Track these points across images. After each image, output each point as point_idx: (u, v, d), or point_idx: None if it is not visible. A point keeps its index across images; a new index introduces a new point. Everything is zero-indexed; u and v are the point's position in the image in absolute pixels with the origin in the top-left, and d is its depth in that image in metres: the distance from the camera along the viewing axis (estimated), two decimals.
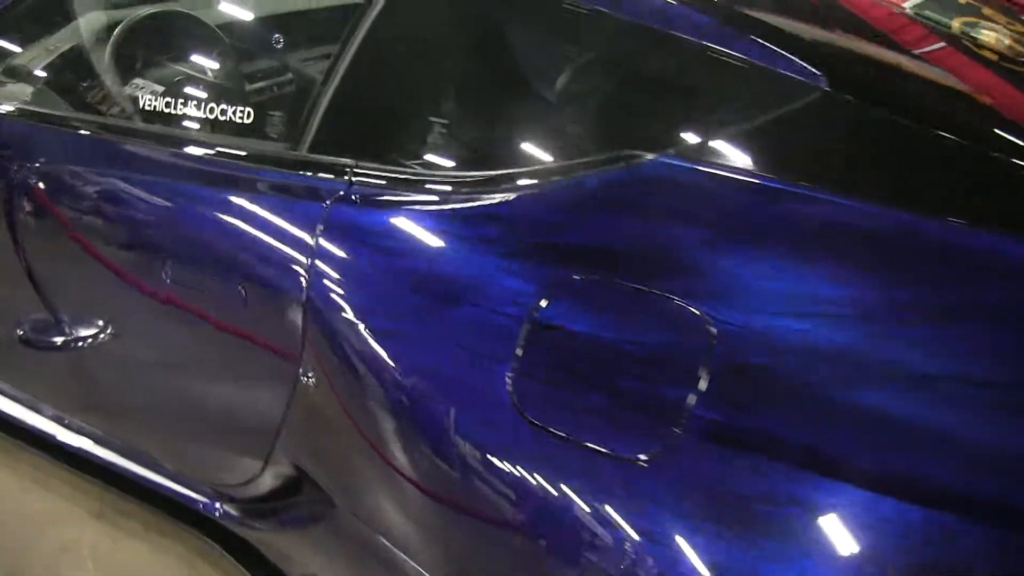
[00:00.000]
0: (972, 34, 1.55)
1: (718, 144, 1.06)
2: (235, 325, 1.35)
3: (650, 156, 1.07)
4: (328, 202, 1.25)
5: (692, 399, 0.92)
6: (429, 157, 1.28)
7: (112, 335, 1.65)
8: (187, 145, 1.54)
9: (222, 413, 1.51)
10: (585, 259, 1.05)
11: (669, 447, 0.91)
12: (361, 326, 1.15)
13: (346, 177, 1.28)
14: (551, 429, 0.98)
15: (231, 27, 2.08)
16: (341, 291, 1.19)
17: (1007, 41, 1.50)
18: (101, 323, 1.66)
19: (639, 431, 0.94)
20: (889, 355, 0.88)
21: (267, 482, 1.53)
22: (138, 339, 1.61)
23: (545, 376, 1.00)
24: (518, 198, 1.13)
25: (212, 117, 1.52)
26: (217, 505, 1.65)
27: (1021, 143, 1.02)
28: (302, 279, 1.23)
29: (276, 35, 2.22)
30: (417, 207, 1.20)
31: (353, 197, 1.25)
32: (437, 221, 1.17)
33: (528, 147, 1.23)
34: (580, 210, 1.09)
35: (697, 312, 0.95)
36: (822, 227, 0.97)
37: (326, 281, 1.21)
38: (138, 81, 1.87)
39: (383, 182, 1.25)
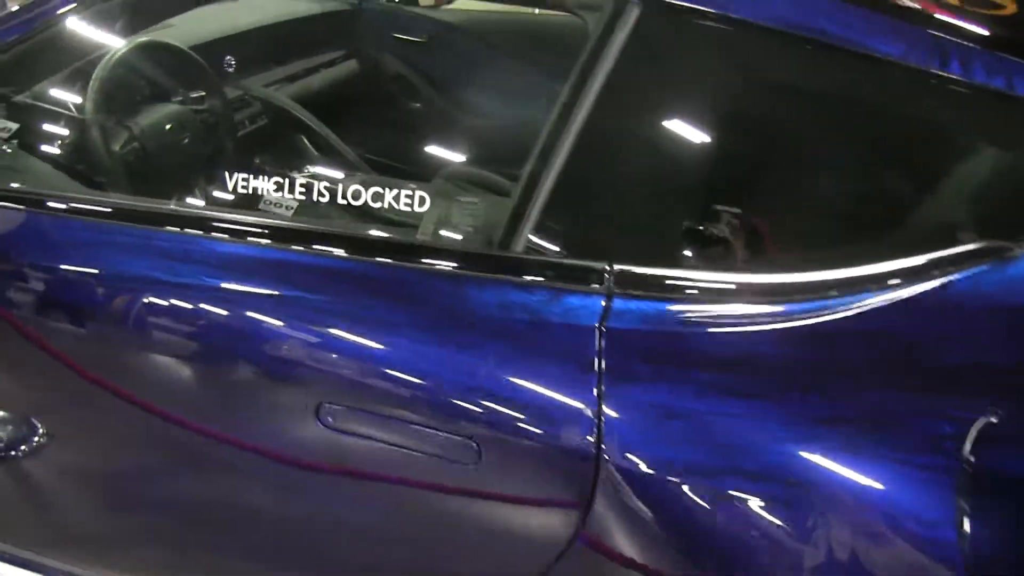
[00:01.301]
0: None
1: None
2: (460, 485, 1.04)
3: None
4: (601, 323, 0.98)
5: None
6: (713, 255, 1.02)
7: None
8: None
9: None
10: (989, 384, 0.89)
11: None
12: (704, 489, 0.91)
13: (603, 285, 1.01)
14: None
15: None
16: (664, 444, 0.93)
17: None
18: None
19: None
20: None
21: None
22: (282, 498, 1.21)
23: (1011, 538, 0.84)
24: (871, 310, 0.94)
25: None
26: None
27: None
28: (587, 429, 0.95)
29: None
30: (733, 324, 0.96)
31: (625, 311, 0.99)
32: (774, 344, 0.94)
33: (850, 239, 1.02)
34: (958, 321, 0.93)
35: None
36: None
37: (631, 429, 0.94)
38: None
39: (660, 290, 1.00)
